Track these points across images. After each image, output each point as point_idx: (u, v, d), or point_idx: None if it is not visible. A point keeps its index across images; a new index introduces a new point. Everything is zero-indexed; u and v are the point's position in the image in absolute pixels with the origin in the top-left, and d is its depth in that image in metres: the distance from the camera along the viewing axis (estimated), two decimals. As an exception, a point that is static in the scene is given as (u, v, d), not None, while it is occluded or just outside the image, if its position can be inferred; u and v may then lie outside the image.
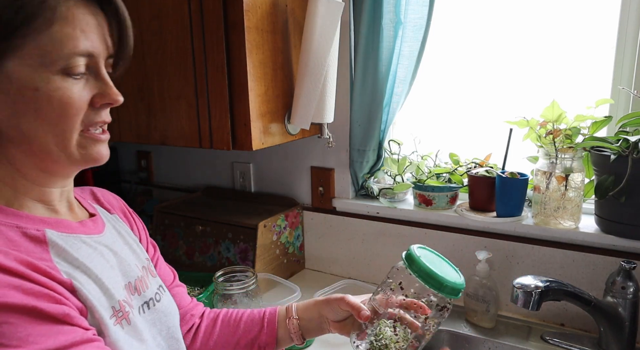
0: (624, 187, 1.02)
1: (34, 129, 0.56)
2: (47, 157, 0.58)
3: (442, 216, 1.31)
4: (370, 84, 1.33)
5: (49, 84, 0.54)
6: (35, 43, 0.53)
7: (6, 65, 0.53)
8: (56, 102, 0.55)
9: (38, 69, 0.54)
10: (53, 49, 0.54)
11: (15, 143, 0.57)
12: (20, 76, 0.53)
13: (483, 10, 1.30)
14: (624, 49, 1.13)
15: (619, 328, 1.01)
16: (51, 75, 0.54)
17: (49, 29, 0.53)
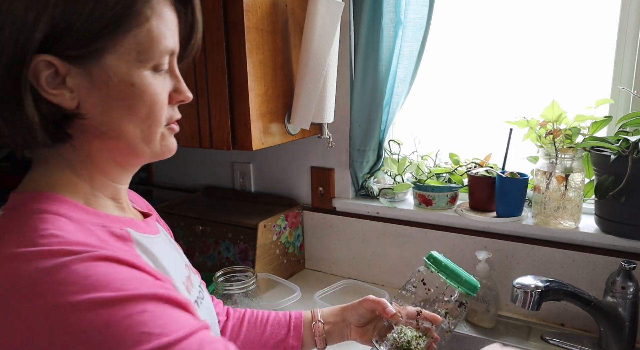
0: (624, 187, 1.02)
1: (125, 124, 0.56)
2: (130, 152, 0.59)
3: (442, 216, 1.31)
4: (370, 84, 1.33)
5: (143, 80, 0.55)
6: (135, 39, 0.53)
7: (106, 60, 0.52)
8: (148, 97, 0.56)
9: (134, 65, 0.54)
10: (149, 45, 0.54)
11: (102, 138, 0.56)
12: (118, 71, 0.53)
13: (483, 10, 1.30)
14: (624, 48, 1.13)
15: (619, 328, 1.00)
16: (144, 71, 0.55)
17: (146, 26, 0.54)
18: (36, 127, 0.51)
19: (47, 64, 0.50)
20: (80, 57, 0.51)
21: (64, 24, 0.49)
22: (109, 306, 0.44)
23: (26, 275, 0.44)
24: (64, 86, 0.52)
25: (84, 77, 0.52)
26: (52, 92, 0.51)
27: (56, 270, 0.44)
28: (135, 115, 0.56)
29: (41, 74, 0.50)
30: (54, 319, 0.43)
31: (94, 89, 0.53)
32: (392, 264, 1.42)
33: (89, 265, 0.46)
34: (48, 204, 0.53)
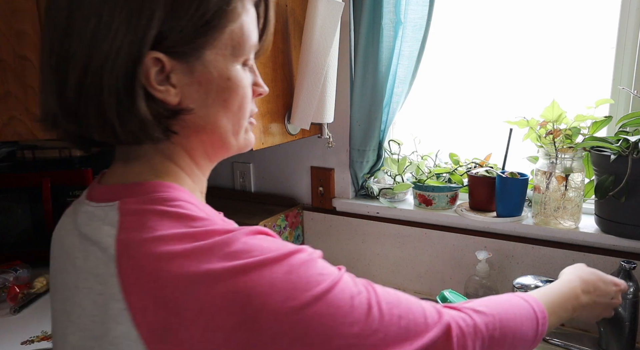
0: (624, 187, 1.02)
1: (220, 117, 0.57)
2: (221, 145, 0.60)
3: (442, 216, 1.31)
4: (370, 84, 1.33)
5: (237, 74, 0.57)
6: (230, 35, 0.55)
7: (206, 56, 0.54)
8: (241, 91, 0.58)
9: (229, 60, 0.56)
10: (242, 41, 0.56)
11: (199, 132, 0.58)
12: (216, 66, 0.55)
13: (483, 10, 1.31)
14: (624, 49, 1.13)
15: (619, 328, 1.00)
16: (237, 66, 0.57)
17: (239, 21, 0.55)
18: (149, 123, 0.52)
19: (155, 61, 0.51)
20: (184, 53, 0.52)
21: (172, 21, 0.50)
22: (286, 258, 0.49)
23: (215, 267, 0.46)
24: (168, 82, 0.53)
25: (185, 73, 0.53)
26: (159, 89, 0.52)
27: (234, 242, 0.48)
28: (229, 109, 0.58)
29: (150, 71, 0.51)
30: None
31: (195, 84, 0.54)
32: (392, 264, 1.42)
33: (249, 238, 0.49)
34: (174, 192, 0.54)
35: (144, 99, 0.51)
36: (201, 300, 0.44)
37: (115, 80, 0.50)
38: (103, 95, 0.50)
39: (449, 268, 1.32)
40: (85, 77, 0.50)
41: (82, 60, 0.50)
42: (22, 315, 1.32)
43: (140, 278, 0.46)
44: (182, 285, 0.45)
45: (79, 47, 0.50)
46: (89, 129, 0.53)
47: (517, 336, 0.61)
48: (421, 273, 1.37)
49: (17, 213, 1.55)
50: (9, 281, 1.39)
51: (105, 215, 0.52)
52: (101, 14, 0.49)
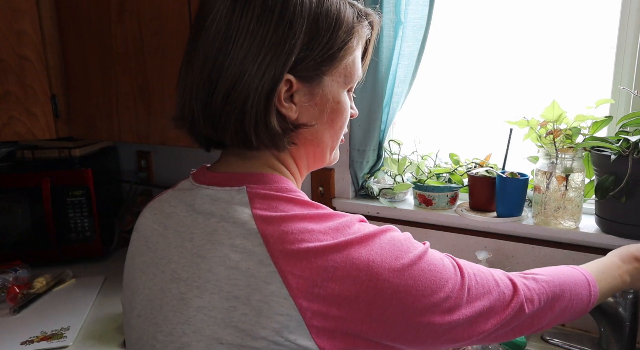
0: (625, 187, 1.02)
1: (325, 133, 0.67)
2: (320, 157, 0.71)
3: (442, 216, 1.31)
4: (370, 84, 1.33)
5: (344, 99, 0.67)
6: (345, 65, 0.65)
7: (325, 81, 0.63)
8: (345, 113, 0.68)
9: (341, 86, 0.66)
10: (353, 71, 0.66)
11: (307, 145, 0.67)
12: (331, 91, 0.64)
13: (483, 10, 1.31)
14: (625, 48, 1.13)
15: (619, 328, 1.00)
16: (345, 91, 0.67)
17: (353, 55, 0.65)
18: (278, 135, 0.61)
19: (286, 82, 0.60)
20: (310, 77, 0.62)
21: (307, 51, 0.60)
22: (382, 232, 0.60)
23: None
24: (291, 101, 0.62)
25: (306, 94, 0.62)
26: (285, 106, 0.61)
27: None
28: (333, 127, 0.68)
29: (282, 90, 0.60)
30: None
31: (312, 104, 0.63)
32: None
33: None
34: (291, 185, 0.64)
35: (275, 113, 0.60)
36: (334, 264, 0.54)
37: (257, 96, 0.58)
38: (246, 107, 0.59)
39: (449, 268, 1.32)
40: (232, 91, 0.59)
41: (232, 76, 0.58)
42: (22, 315, 1.32)
43: (285, 247, 0.54)
44: (321, 253, 0.54)
45: (232, 65, 0.58)
46: (224, 134, 0.62)
47: (574, 297, 0.72)
48: (421, 273, 1.37)
49: (17, 213, 1.55)
50: (8, 281, 1.39)
51: (231, 198, 0.61)
52: (254, 39, 0.58)
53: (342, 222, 0.58)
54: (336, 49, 0.62)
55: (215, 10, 0.59)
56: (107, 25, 1.31)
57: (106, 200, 1.72)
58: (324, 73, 0.63)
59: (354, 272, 0.54)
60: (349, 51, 0.64)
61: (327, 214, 0.59)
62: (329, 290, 0.53)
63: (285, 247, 0.54)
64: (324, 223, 0.57)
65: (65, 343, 1.17)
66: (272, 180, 0.63)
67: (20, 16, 1.34)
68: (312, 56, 0.60)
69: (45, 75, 1.38)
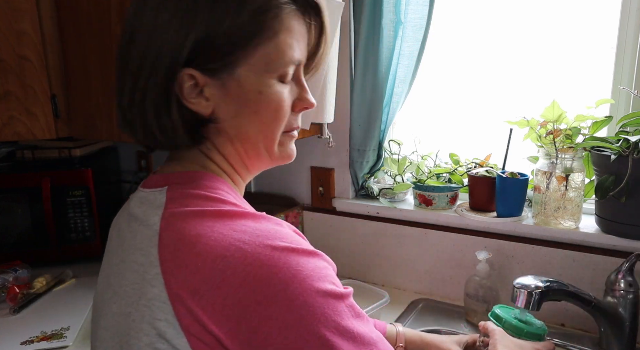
0: (625, 187, 1.02)
1: (251, 128, 0.62)
2: (254, 155, 0.65)
3: (442, 216, 1.31)
4: (370, 84, 1.32)
5: (270, 88, 0.60)
6: (264, 51, 0.58)
7: (238, 71, 0.58)
8: (274, 104, 0.61)
9: (263, 75, 0.59)
10: (276, 57, 0.59)
11: (233, 141, 0.63)
12: (248, 81, 0.59)
13: (483, 10, 1.30)
14: (625, 48, 1.13)
15: (619, 328, 1.00)
16: (270, 80, 0.60)
17: (275, 39, 0.58)
18: (179, 129, 0.59)
19: (189, 77, 0.57)
20: (217, 69, 0.58)
21: (205, 40, 0.56)
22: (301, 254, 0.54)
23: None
24: (201, 96, 0.59)
25: (218, 87, 0.59)
26: (192, 101, 0.58)
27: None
28: (261, 121, 0.61)
29: (184, 85, 0.57)
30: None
31: (227, 97, 0.59)
32: (392, 264, 1.42)
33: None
34: (215, 182, 0.61)
35: (177, 108, 0.58)
36: (225, 276, 0.49)
37: (154, 94, 0.57)
38: (144, 105, 0.58)
39: (449, 268, 1.32)
40: (134, 92, 0.58)
41: (132, 77, 0.58)
42: (22, 315, 1.32)
43: (177, 247, 0.52)
44: (211, 259, 0.50)
45: (132, 69, 0.58)
46: (136, 133, 0.62)
47: None
48: (421, 273, 1.37)
49: (17, 213, 1.55)
50: (8, 281, 1.39)
51: (155, 199, 0.59)
52: (151, 34, 0.56)
53: (252, 223, 0.54)
54: (243, 35, 0.56)
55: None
56: (107, 25, 1.30)
57: (106, 200, 1.72)
58: (235, 63, 0.57)
59: (249, 284, 0.49)
60: (265, 36, 0.57)
61: (237, 212, 0.56)
62: (211, 300, 0.49)
63: (177, 248, 0.53)
64: (231, 220, 0.54)
65: (65, 343, 1.17)
66: (193, 178, 0.61)
67: (20, 16, 1.33)
68: (215, 45, 0.56)
69: (45, 75, 1.38)
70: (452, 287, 1.33)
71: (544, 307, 0.94)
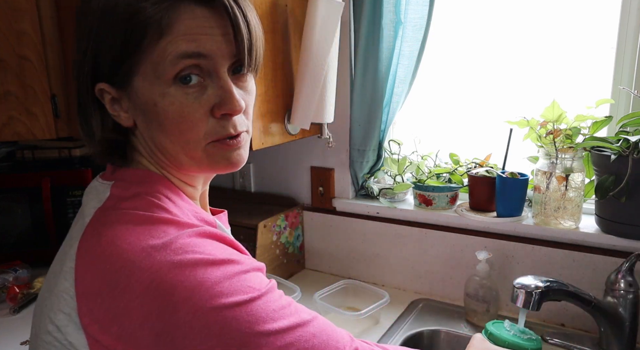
0: (625, 187, 1.02)
1: (163, 140, 0.59)
2: (180, 166, 0.62)
3: (442, 216, 1.31)
4: (370, 84, 1.32)
5: (164, 98, 0.56)
6: (150, 57, 0.55)
7: (134, 82, 0.57)
8: (172, 115, 0.56)
9: (155, 83, 0.56)
10: (160, 58, 0.55)
11: (155, 153, 0.62)
12: (143, 92, 0.57)
13: (483, 10, 1.30)
14: (625, 48, 1.13)
15: (619, 328, 1.00)
16: (166, 88, 0.56)
17: (159, 42, 0.54)
18: (106, 143, 0.62)
19: (104, 91, 0.59)
20: (118, 82, 0.58)
21: (98, 55, 0.57)
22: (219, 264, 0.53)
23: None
24: (121, 108, 0.60)
25: (126, 99, 0.59)
26: (112, 113, 0.60)
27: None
28: (169, 132, 0.58)
29: (105, 98, 0.59)
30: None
31: (136, 110, 0.59)
32: (392, 264, 1.42)
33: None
34: (157, 185, 0.61)
35: (101, 122, 0.61)
36: (130, 282, 0.49)
37: (81, 107, 0.61)
38: (80, 119, 0.62)
39: (449, 268, 1.32)
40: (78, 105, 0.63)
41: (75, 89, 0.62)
42: (22, 315, 1.32)
43: (92, 246, 0.53)
44: (120, 263, 0.50)
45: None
46: (85, 142, 0.64)
47: None
48: (421, 273, 1.37)
49: (17, 213, 1.55)
50: (8, 281, 1.39)
51: (100, 191, 0.60)
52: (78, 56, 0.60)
53: (171, 235, 0.52)
54: (126, 44, 0.55)
55: None
56: (107, 25, 1.31)
57: (106, 200, 1.72)
58: (127, 74, 0.56)
59: (147, 297, 0.49)
60: (149, 43, 0.54)
61: (161, 218, 0.54)
62: (115, 306, 0.49)
63: (92, 247, 0.53)
64: (151, 226, 0.53)
65: (65, 343, 1.17)
66: (145, 180, 0.61)
67: (20, 16, 1.33)
68: (105, 59, 0.57)
69: (45, 75, 1.38)
70: (452, 287, 1.33)
71: (544, 307, 0.94)
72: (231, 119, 0.59)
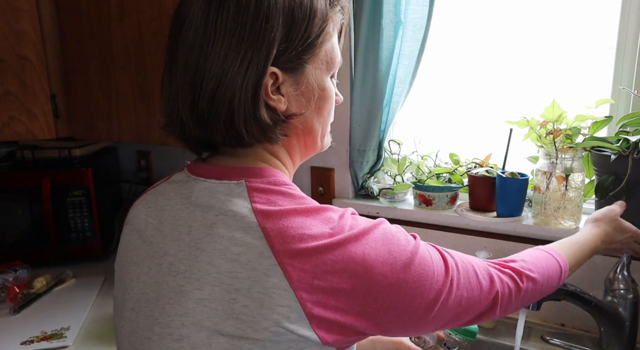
0: (625, 187, 1.02)
1: (314, 121, 0.68)
2: (313, 145, 0.71)
3: (442, 216, 1.31)
4: (370, 84, 1.32)
5: (329, 85, 0.68)
6: (325, 52, 0.66)
7: (308, 70, 0.64)
8: (331, 99, 0.69)
9: (324, 72, 0.67)
10: (334, 56, 0.67)
11: (298, 134, 0.68)
12: (316, 78, 0.65)
13: (483, 10, 1.30)
14: (625, 48, 1.13)
15: (619, 328, 1.00)
16: (328, 78, 0.68)
17: (331, 41, 0.66)
18: (269, 128, 0.62)
19: (272, 75, 0.61)
20: (293, 68, 0.63)
21: (286, 43, 0.60)
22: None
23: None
24: (279, 93, 0.63)
25: (292, 84, 0.63)
26: (273, 98, 0.62)
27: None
28: (321, 114, 0.68)
29: (268, 84, 0.61)
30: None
31: (298, 93, 0.64)
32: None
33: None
34: (284, 178, 0.66)
35: (265, 107, 0.61)
36: (333, 258, 0.56)
37: (244, 93, 0.59)
38: (233, 105, 0.59)
39: (449, 268, 1.32)
40: (218, 91, 0.59)
41: (216, 76, 0.59)
42: (22, 315, 1.32)
43: (284, 241, 0.56)
44: (321, 248, 0.56)
45: (214, 65, 0.59)
46: (215, 134, 0.62)
47: (546, 286, 0.78)
48: (421, 273, 1.37)
49: (17, 213, 1.55)
50: (8, 281, 1.39)
51: (230, 191, 0.62)
52: (232, 37, 0.58)
53: (337, 216, 0.61)
54: (314, 37, 0.63)
55: (191, 14, 0.60)
56: (107, 25, 1.31)
57: (106, 200, 1.72)
58: (306, 62, 0.64)
59: (351, 266, 0.56)
60: (326, 38, 0.65)
61: (321, 208, 0.62)
62: (328, 283, 0.55)
63: (286, 241, 0.56)
64: (320, 217, 0.60)
65: (65, 343, 1.17)
66: (269, 174, 0.64)
67: (20, 16, 1.34)
68: (293, 47, 0.61)
69: (45, 75, 1.38)
70: (452, 287, 1.32)
71: (544, 307, 0.94)
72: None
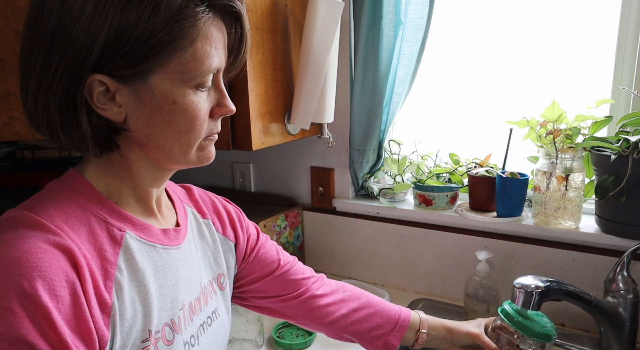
0: (624, 187, 1.02)
1: (164, 137, 0.60)
2: (167, 160, 0.63)
3: (442, 216, 1.31)
4: (370, 84, 1.33)
5: (184, 98, 0.59)
6: (179, 60, 0.57)
7: (151, 79, 0.57)
8: (188, 114, 0.60)
9: (177, 84, 0.58)
10: (193, 65, 0.58)
11: (143, 148, 0.62)
12: (161, 90, 0.58)
13: (483, 10, 1.30)
14: (625, 48, 1.13)
15: (619, 328, 1.00)
16: (187, 90, 0.59)
17: (192, 47, 0.57)
18: (88, 138, 0.57)
19: (99, 83, 0.55)
20: (128, 76, 0.56)
21: (116, 46, 0.53)
22: None
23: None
24: (113, 102, 0.57)
25: (130, 94, 0.57)
26: (103, 107, 0.57)
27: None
28: (175, 130, 0.60)
29: (94, 91, 0.55)
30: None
31: (140, 105, 0.58)
32: (392, 264, 1.42)
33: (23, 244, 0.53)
34: (69, 183, 0.62)
35: (86, 115, 0.56)
36: None
37: (57, 99, 0.55)
38: (50, 110, 0.56)
39: (449, 268, 1.32)
40: (39, 94, 0.56)
41: (37, 79, 0.55)
42: (22, 315, 1.31)
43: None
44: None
45: (34, 70, 0.55)
46: (45, 136, 0.59)
47: None
48: (421, 273, 1.37)
49: (17, 213, 1.55)
50: (8, 281, 1.39)
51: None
52: (42, 44, 0.54)
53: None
54: (156, 42, 0.54)
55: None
56: (107, 25, 1.31)
57: (106, 200, 1.72)
58: (148, 70, 0.56)
59: None
60: (180, 44, 0.56)
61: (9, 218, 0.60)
62: None
63: None
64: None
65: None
66: (68, 179, 0.62)
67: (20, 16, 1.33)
68: (123, 53, 0.54)
69: (45, 75, 1.38)
70: (452, 287, 1.33)
71: (544, 307, 0.94)
72: (220, 119, 0.66)
